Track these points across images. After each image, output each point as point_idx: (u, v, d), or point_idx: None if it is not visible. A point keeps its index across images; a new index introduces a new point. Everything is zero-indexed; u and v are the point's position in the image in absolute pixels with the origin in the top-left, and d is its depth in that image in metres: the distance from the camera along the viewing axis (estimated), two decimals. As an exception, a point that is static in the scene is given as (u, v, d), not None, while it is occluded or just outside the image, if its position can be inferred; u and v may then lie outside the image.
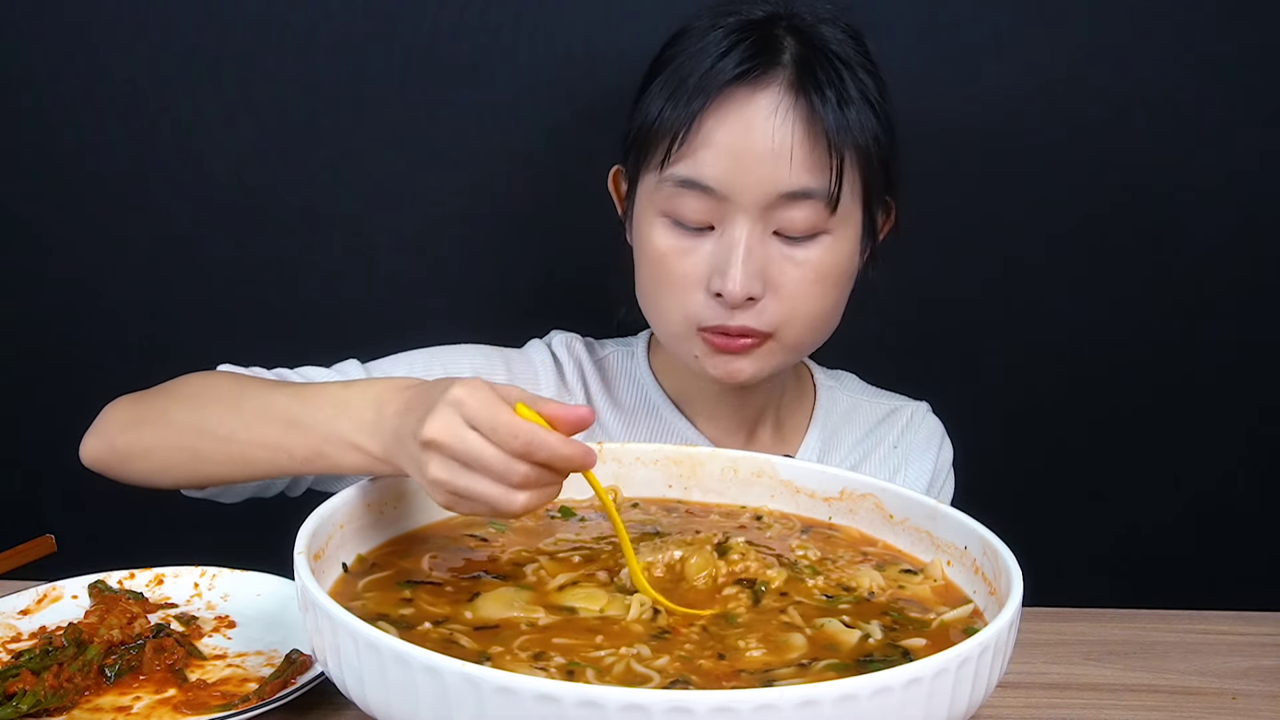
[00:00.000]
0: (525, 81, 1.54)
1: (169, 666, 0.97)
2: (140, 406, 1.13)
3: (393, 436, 0.91)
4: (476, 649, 0.78)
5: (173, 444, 1.09)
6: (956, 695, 0.70)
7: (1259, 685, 1.07)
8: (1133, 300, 1.63)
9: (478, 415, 0.84)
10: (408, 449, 0.88)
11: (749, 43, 1.12)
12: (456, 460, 0.84)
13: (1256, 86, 1.56)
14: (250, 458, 1.03)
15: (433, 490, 0.87)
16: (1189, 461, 1.67)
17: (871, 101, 1.15)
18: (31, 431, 1.62)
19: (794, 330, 1.17)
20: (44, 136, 1.56)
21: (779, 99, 1.11)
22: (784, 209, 1.12)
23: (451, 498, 0.86)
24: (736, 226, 1.12)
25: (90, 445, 1.15)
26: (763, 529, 1.03)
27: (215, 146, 1.55)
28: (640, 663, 0.77)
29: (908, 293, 1.56)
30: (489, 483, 0.84)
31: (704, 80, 1.11)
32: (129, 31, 1.53)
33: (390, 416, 0.92)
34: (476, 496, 0.85)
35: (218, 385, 1.11)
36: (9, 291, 1.59)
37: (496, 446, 0.83)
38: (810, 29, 1.16)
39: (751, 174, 1.11)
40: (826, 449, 1.34)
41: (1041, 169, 1.58)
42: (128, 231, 1.58)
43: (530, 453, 0.84)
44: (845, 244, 1.16)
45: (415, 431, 0.86)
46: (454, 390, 0.85)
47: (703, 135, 1.11)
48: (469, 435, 0.84)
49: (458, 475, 0.85)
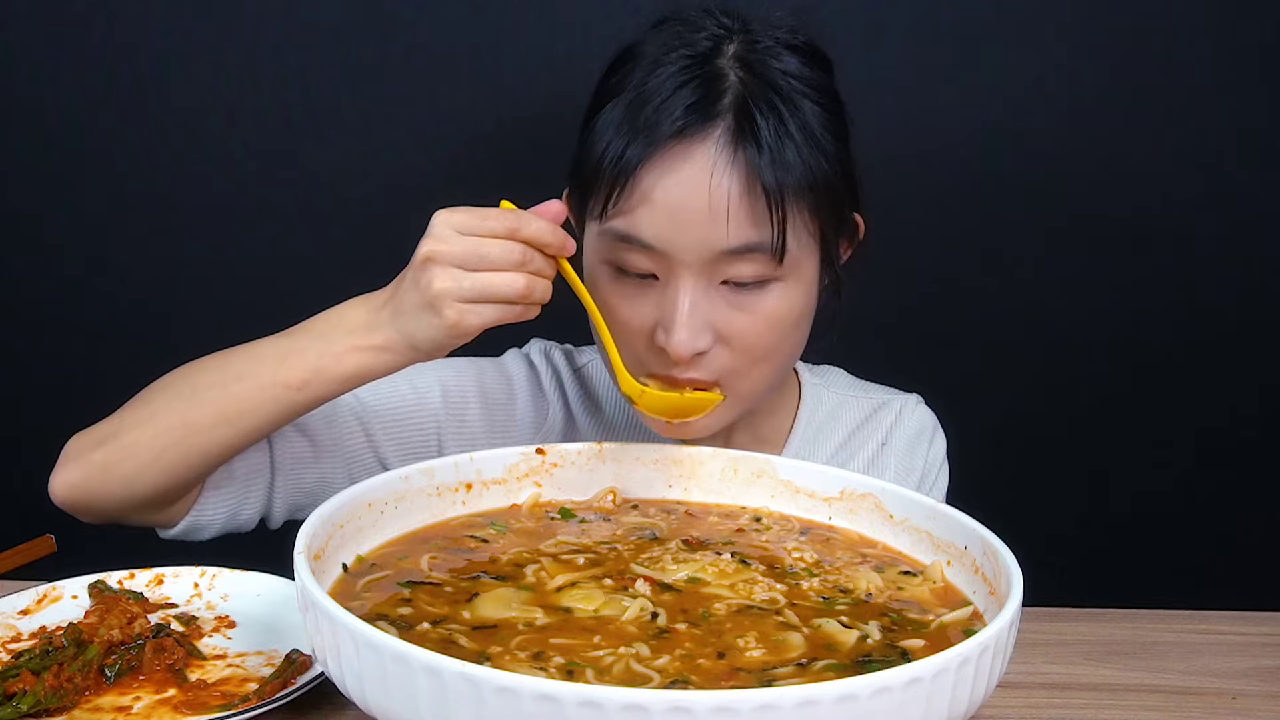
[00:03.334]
0: (508, 83, 1.54)
1: (169, 666, 0.97)
2: (111, 422, 1.11)
3: (389, 315, 1.00)
4: (475, 649, 0.78)
5: (160, 427, 1.07)
6: (956, 695, 0.70)
7: (1259, 685, 1.07)
8: (1133, 298, 1.63)
9: (463, 221, 0.96)
10: (408, 298, 0.97)
11: (693, 85, 1.06)
12: (456, 265, 0.94)
13: (1251, 89, 1.57)
14: (244, 407, 1.05)
15: (440, 305, 0.95)
16: (1190, 461, 1.67)
17: (816, 135, 1.07)
18: (32, 431, 1.62)
19: (746, 381, 1.11)
20: (44, 136, 1.56)
21: (715, 155, 1.04)
22: (728, 263, 1.06)
23: (460, 307, 0.95)
24: (680, 281, 1.07)
25: (63, 477, 1.11)
26: (761, 531, 1.03)
27: (210, 147, 1.56)
28: (640, 662, 0.77)
29: (907, 292, 1.56)
30: (492, 274, 0.94)
31: (644, 131, 1.05)
32: (130, 30, 1.53)
33: (379, 307, 1.01)
34: (483, 290, 0.94)
35: (196, 362, 1.11)
36: (9, 291, 1.60)
37: (489, 236, 0.95)
38: (757, 58, 1.08)
39: (690, 233, 1.05)
40: (811, 451, 1.31)
41: (1034, 166, 1.58)
42: (129, 232, 1.58)
43: (519, 228, 0.96)
44: (799, 287, 1.10)
45: (410, 269, 0.97)
46: (436, 215, 0.97)
47: (640, 192, 1.05)
48: (462, 238, 0.95)
49: (461, 279, 0.94)
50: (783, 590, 0.90)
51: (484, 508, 1.03)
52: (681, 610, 0.86)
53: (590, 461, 1.08)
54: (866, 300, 1.21)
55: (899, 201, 1.25)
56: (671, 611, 0.85)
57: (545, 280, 0.99)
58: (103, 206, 1.58)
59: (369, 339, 1.01)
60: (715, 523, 1.04)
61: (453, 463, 1.01)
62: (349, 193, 1.58)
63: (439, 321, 0.96)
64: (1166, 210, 1.61)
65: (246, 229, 1.58)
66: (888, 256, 1.26)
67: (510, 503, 1.04)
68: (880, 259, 1.23)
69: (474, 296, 0.95)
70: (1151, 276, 1.62)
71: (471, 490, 1.03)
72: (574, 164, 1.14)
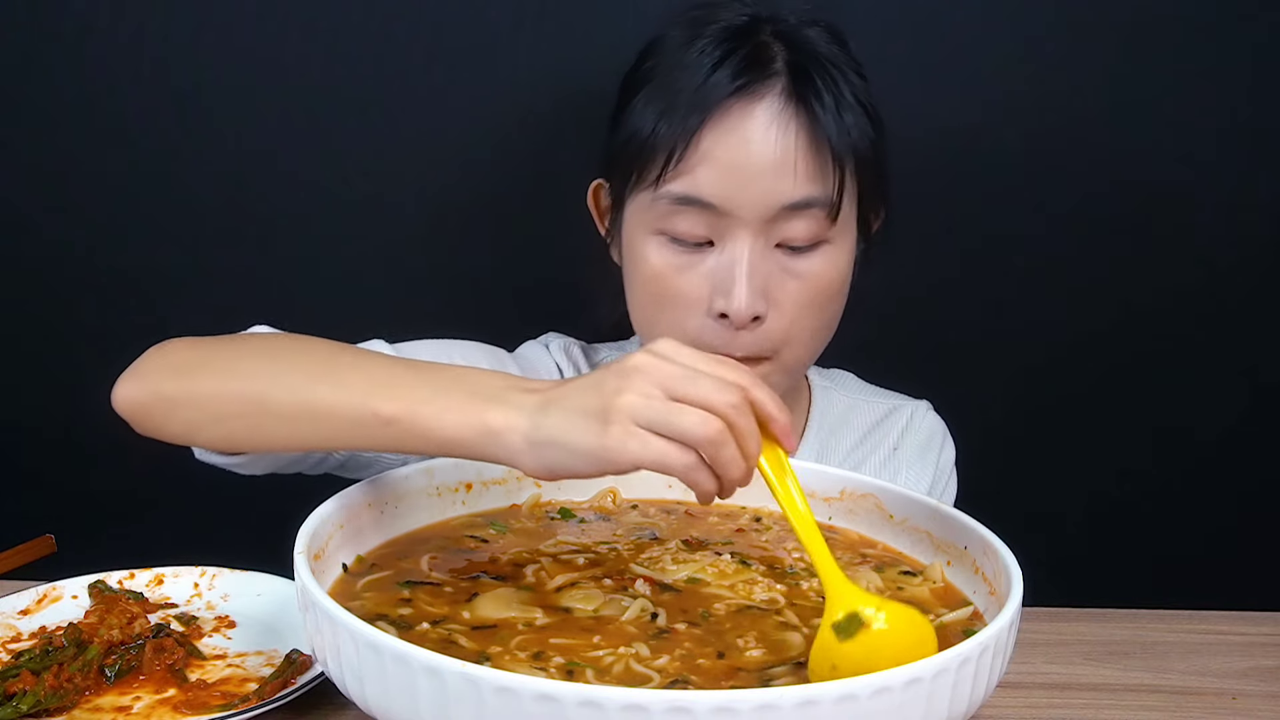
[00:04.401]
0: (520, 80, 1.54)
1: (169, 666, 0.97)
2: (196, 353, 1.00)
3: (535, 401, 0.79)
4: (475, 649, 0.78)
5: (235, 394, 0.94)
6: (956, 695, 0.70)
7: (1259, 685, 1.07)
8: (1134, 299, 1.63)
9: (691, 351, 0.78)
10: (576, 396, 0.77)
11: (741, 53, 1.09)
12: (658, 385, 0.75)
13: (1257, 87, 1.57)
14: (319, 413, 0.89)
15: (612, 417, 0.75)
16: (1189, 461, 1.67)
17: (864, 104, 1.12)
18: (32, 431, 1.62)
19: (793, 350, 1.14)
20: (43, 136, 1.56)
21: (778, 109, 1.08)
22: (785, 221, 1.09)
23: (632, 429, 0.75)
24: (738, 242, 1.09)
25: (128, 389, 1.00)
26: (761, 531, 1.03)
27: (212, 144, 1.56)
28: (639, 662, 0.78)
29: (907, 292, 1.56)
30: (687, 410, 0.74)
31: (699, 95, 1.08)
32: (130, 30, 1.53)
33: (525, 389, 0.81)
34: (668, 421, 0.74)
35: (298, 342, 0.98)
36: (9, 291, 1.60)
37: (710, 374, 0.76)
38: (795, 32, 1.13)
39: (753, 188, 1.08)
40: (823, 453, 1.32)
41: (1038, 168, 1.58)
42: (129, 231, 1.58)
43: (748, 385, 0.76)
44: (843, 253, 1.14)
45: (602, 381, 0.76)
46: (650, 345, 0.78)
47: (701, 151, 1.08)
48: (679, 362, 0.76)
49: (653, 400, 0.75)
50: (782, 590, 0.90)
51: (484, 508, 1.03)
52: (681, 610, 0.86)
53: (590, 461, 1.08)
54: (868, 303, 1.22)
55: (901, 202, 1.25)
56: (671, 611, 0.85)
57: (741, 464, 0.77)
58: (105, 205, 1.57)
59: (485, 410, 0.80)
60: (715, 523, 1.04)
61: (453, 463, 1.01)
62: (351, 195, 1.58)
63: (595, 432, 0.76)
64: (1167, 214, 1.61)
65: (243, 228, 1.58)
66: (886, 259, 1.27)
67: (510, 503, 1.04)
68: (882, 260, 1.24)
69: (656, 424, 0.75)
70: (1153, 279, 1.62)
71: (472, 490, 1.03)
72: (612, 144, 1.16)
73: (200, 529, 1.37)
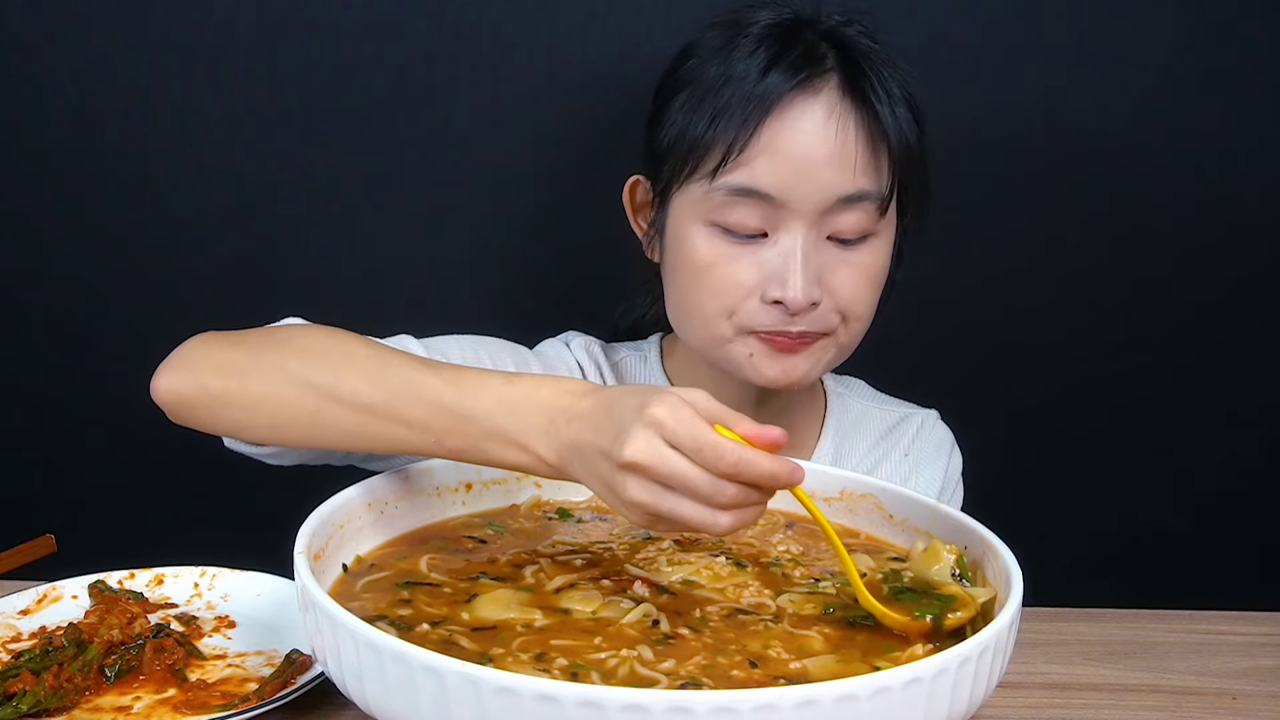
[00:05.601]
0: (536, 83, 1.53)
1: (169, 666, 0.97)
2: (243, 350, 1.01)
3: (571, 449, 0.86)
4: (477, 650, 0.78)
5: (290, 401, 0.96)
6: (956, 695, 0.71)
7: (1259, 685, 1.07)
8: (1134, 301, 1.63)
9: (680, 436, 0.80)
10: (596, 467, 0.84)
11: (794, 51, 1.12)
12: (659, 483, 0.81)
13: (1259, 93, 1.57)
14: (386, 435, 0.94)
15: (629, 511, 0.83)
16: (1189, 461, 1.67)
17: (909, 99, 1.15)
18: (32, 431, 1.62)
19: (848, 331, 1.17)
20: (43, 136, 1.56)
21: (836, 103, 1.11)
22: (838, 213, 1.12)
23: (650, 518, 0.83)
24: (792, 233, 1.11)
25: (172, 380, 1.01)
26: (748, 526, 1.02)
27: (221, 146, 1.55)
28: (644, 665, 0.77)
29: (909, 296, 1.56)
30: (693, 504, 0.81)
31: (760, 89, 1.10)
32: (129, 30, 1.53)
33: (565, 425, 0.87)
34: (680, 519, 0.82)
35: (346, 345, 0.99)
36: (9, 291, 1.59)
37: (702, 468, 0.80)
38: (838, 32, 1.15)
39: (813, 180, 1.10)
40: (840, 456, 1.33)
41: (1043, 171, 1.58)
42: (130, 230, 1.58)
43: (738, 473, 0.80)
44: (887, 245, 1.17)
45: (610, 451, 0.82)
46: (652, 410, 0.81)
47: (762, 143, 1.10)
48: (672, 457, 0.80)
49: (661, 498, 0.81)
50: (770, 595, 0.89)
51: (484, 508, 1.03)
52: (677, 613, 0.85)
53: (590, 461, 1.08)
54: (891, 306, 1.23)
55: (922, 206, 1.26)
56: (670, 615, 0.85)
57: (754, 511, 0.84)
58: (105, 205, 1.57)
59: (541, 450, 0.88)
60: None
61: (453, 463, 1.01)
62: (357, 196, 1.58)
63: (622, 510, 0.85)
64: (1170, 212, 1.60)
65: (251, 228, 1.58)
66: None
67: (510, 503, 1.04)
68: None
69: (669, 517, 0.82)
70: (1152, 280, 1.62)
71: (472, 490, 1.03)
72: (657, 140, 1.17)
73: (200, 529, 1.37)
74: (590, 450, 0.84)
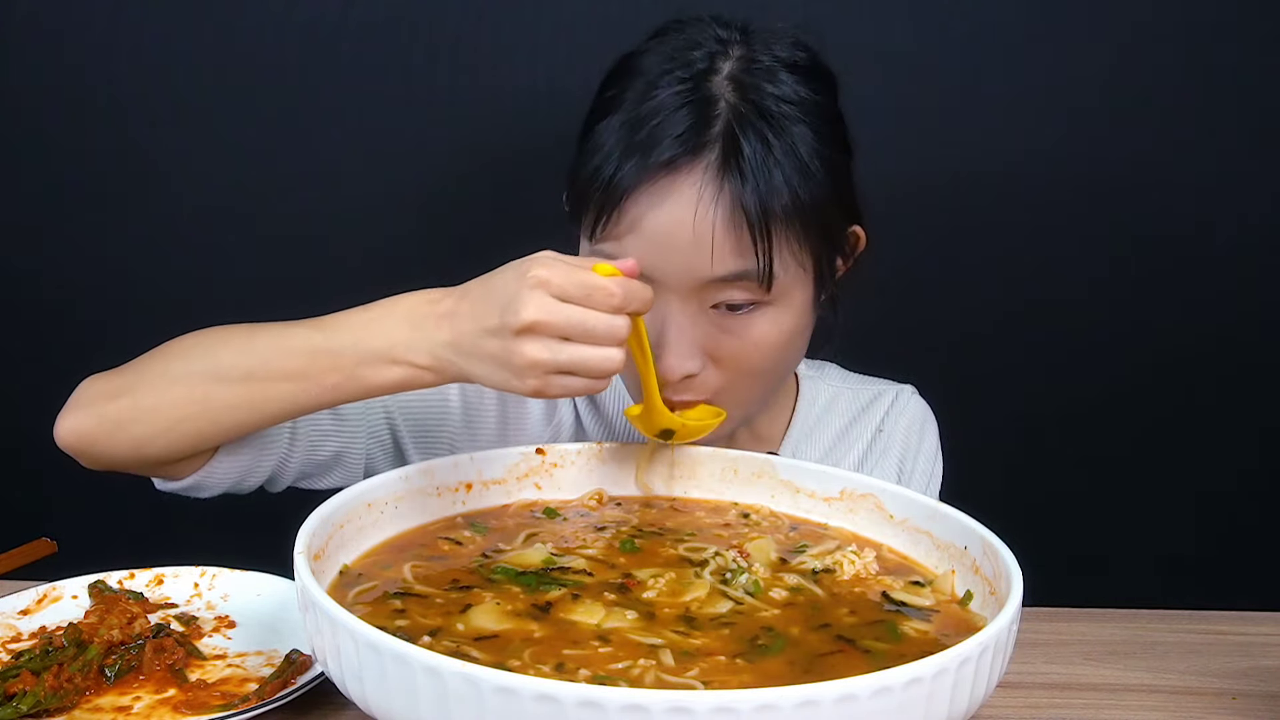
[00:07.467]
0: (506, 86, 1.54)
1: (169, 666, 0.97)
2: (128, 374, 1.07)
3: (447, 346, 0.92)
4: (492, 662, 0.76)
5: (179, 398, 1.03)
6: (956, 695, 0.70)
7: (1259, 685, 1.07)
8: (1134, 299, 1.63)
9: (567, 288, 0.87)
10: (483, 348, 0.90)
11: (685, 111, 1.05)
12: (557, 336, 0.87)
13: (1267, 104, 1.57)
14: (273, 396, 1.01)
15: (526, 376, 0.88)
16: (1189, 460, 1.67)
17: (805, 162, 1.06)
18: (32, 432, 1.61)
19: (738, 397, 1.12)
20: (41, 136, 1.56)
21: (701, 187, 1.03)
22: (717, 289, 1.06)
23: (547, 379, 0.88)
24: (668, 306, 1.06)
25: (71, 421, 1.07)
26: (750, 527, 1.02)
27: (207, 150, 1.56)
28: (666, 673, 0.76)
29: (908, 293, 1.56)
30: (591, 348, 0.88)
31: (634, 159, 1.04)
32: (128, 32, 1.53)
33: (434, 328, 0.93)
34: (580, 364, 0.88)
35: (219, 333, 1.06)
36: (9, 292, 1.59)
37: (595, 309, 0.87)
38: (752, 81, 1.07)
39: (676, 262, 1.05)
40: (807, 443, 1.31)
41: (1037, 168, 1.58)
42: (127, 233, 1.58)
43: (626, 304, 0.88)
44: (789, 310, 1.10)
45: (501, 325, 0.88)
46: (534, 272, 0.88)
47: (628, 220, 1.05)
48: (566, 307, 0.87)
49: (559, 351, 0.87)
50: (741, 608, 0.87)
51: (484, 507, 1.03)
52: (664, 623, 0.84)
53: (590, 462, 1.08)
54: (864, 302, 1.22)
55: (897, 203, 1.25)
56: (666, 618, 0.84)
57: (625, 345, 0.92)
58: (104, 206, 1.57)
59: (413, 357, 0.94)
60: (701, 517, 1.04)
61: (452, 463, 1.01)
62: (349, 196, 1.58)
63: (514, 382, 0.90)
64: (1167, 209, 1.61)
65: (242, 233, 1.58)
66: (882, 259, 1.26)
67: (508, 502, 1.04)
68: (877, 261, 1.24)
69: (566, 369, 0.88)
70: (1152, 276, 1.63)
71: (471, 490, 1.03)
72: (570, 175, 1.13)
73: (200, 529, 1.37)
74: (472, 336, 0.90)
